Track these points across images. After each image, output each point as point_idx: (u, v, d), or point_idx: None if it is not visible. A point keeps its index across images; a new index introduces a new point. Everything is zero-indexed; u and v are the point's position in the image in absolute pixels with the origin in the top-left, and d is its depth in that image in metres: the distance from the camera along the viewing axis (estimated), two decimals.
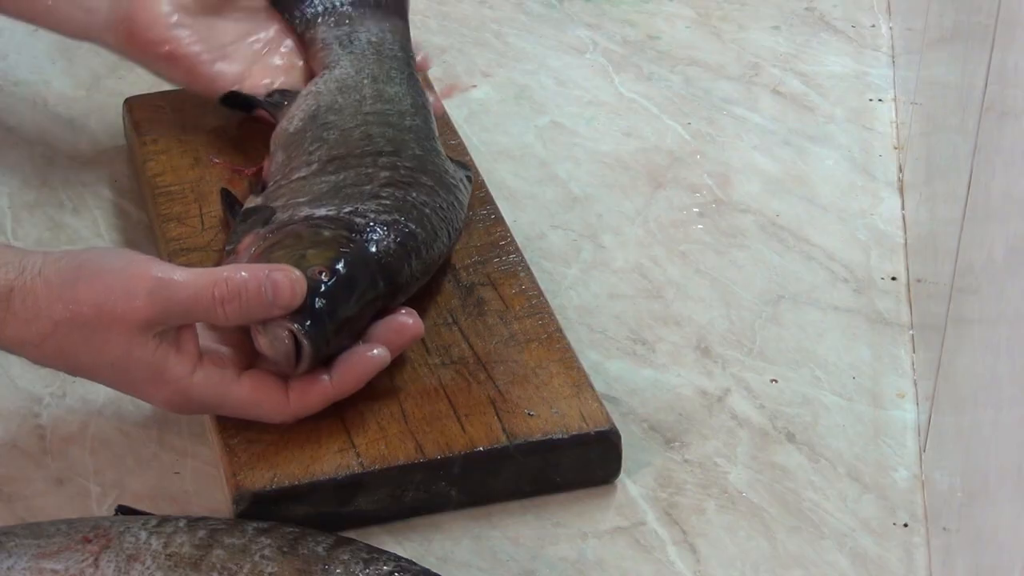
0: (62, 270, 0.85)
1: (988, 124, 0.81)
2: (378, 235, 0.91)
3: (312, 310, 0.86)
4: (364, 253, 0.90)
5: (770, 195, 1.12)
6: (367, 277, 0.89)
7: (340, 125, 1.01)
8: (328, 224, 0.92)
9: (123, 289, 0.84)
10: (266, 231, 0.92)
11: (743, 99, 1.22)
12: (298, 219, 0.93)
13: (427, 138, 1.01)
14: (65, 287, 0.84)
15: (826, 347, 1.00)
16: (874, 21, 1.32)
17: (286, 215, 0.94)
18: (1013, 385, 0.70)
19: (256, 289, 0.85)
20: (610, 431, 0.89)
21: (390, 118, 1.01)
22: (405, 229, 0.93)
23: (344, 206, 0.93)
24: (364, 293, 0.89)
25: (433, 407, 0.90)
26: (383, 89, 1.04)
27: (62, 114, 1.18)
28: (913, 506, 0.89)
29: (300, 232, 0.91)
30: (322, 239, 0.90)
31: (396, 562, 0.80)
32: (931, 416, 0.90)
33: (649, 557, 0.86)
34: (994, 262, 0.77)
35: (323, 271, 0.88)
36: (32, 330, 0.84)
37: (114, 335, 0.84)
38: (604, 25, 1.31)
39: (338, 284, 0.88)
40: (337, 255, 0.89)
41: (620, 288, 1.04)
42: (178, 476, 0.91)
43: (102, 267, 0.85)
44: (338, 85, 1.05)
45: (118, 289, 0.84)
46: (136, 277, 0.84)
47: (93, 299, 0.84)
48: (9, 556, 0.79)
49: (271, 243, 0.91)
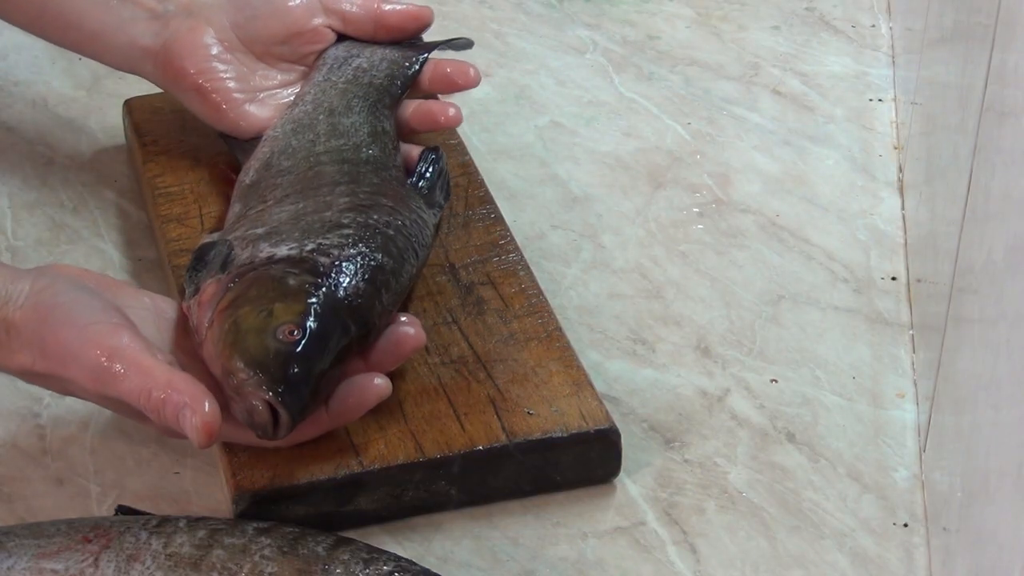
0: (39, 306, 0.85)
1: (988, 124, 0.81)
2: (345, 276, 0.88)
3: (286, 376, 0.83)
4: (333, 301, 0.86)
5: (770, 195, 1.12)
6: (338, 327, 0.86)
7: (293, 170, 0.98)
8: (292, 269, 0.88)
9: (77, 353, 0.84)
10: (228, 278, 0.89)
11: (743, 99, 1.22)
12: (259, 260, 0.89)
13: (384, 168, 0.98)
14: (38, 326, 0.85)
15: (826, 347, 1.00)
16: (874, 21, 1.32)
17: (245, 254, 0.90)
18: (1013, 385, 0.70)
19: (172, 415, 0.83)
20: (610, 429, 0.89)
21: (344, 153, 0.99)
22: (372, 262, 0.89)
23: (306, 242, 0.90)
24: (336, 343, 0.85)
25: (433, 406, 0.90)
26: (338, 122, 1.01)
27: (62, 114, 1.18)
28: (913, 506, 0.89)
29: (264, 281, 0.87)
30: (288, 289, 0.87)
31: (396, 562, 0.80)
32: (931, 416, 0.90)
33: (649, 557, 0.86)
34: (994, 262, 0.77)
35: (294, 329, 0.84)
36: (17, 360, 0.85)
37: (74, 386, 0.85)
38: (604, 25, 1.31)
39: (310, 342, 0.84)
40: (306, 309, 0.85)
41: (620, 288, 1.04)
42: (178, 476, 0.91)
43: (69, 318, 0.85)
44: (293, 126, 1.02)
45: (74, 351, 0.84)
46: (90, 345, 0.84)
47: (52, 350, 0.84)
48: (9, 556, 0.79)
49: (235, 295, 0.87)
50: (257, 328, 0.85)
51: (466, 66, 1.06)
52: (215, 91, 1.04)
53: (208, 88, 1.04)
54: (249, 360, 0.83)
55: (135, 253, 1.06)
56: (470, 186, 1.05)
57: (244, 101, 1.04)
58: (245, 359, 0.83)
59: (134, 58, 1.06)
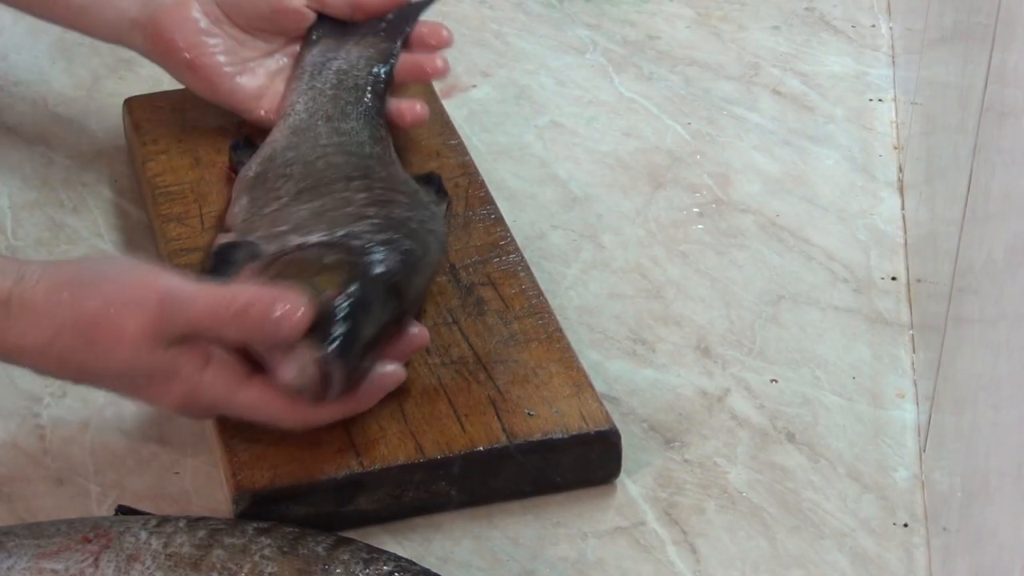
0: (64, 277, 0.84)
1: (988, 124, 0.81)
2: (380, 254, 0.89)
3: (336, 335, 0.84)
4: (373, 273, 0.88)
5: (770, 195, 1.12)
6: (380, 297, 0.87)
7: (300, 159, 0.99)
8: (327, 250, 0.90)
9: (129, 299, 0.83)
10: (261, 265, 0.90)
11: (743, 99, 1.22)
12: (291, 247, 0.90)
13: (391, 163, 1.01)
14: (67, 294, 0.83)
15: (826, 347, 1.00)
16: (874, 21, 1.32)
17: (273, 246, 0.91)
18: (1013, 385, 0.70)
19: (262, 312, 0.83)
20: (610, 431, 0.89)
21: (349, 148, 1.00)
22: (403, 246, 0.91)
23: (336, 229, 0.91)
24: (380, 314, 0.87)
25: (433, 407, 0.90)
26: (338, 126, 1.03)
27: (62, 114, 1.18)
28: (913, 506, 0.89)
29: (301, 261, 0.89)
30: (327, 265, 0.88)
31: (396, 562, 0.80)
32: (931, 416, 0.90)
33: (649, 557, 0.86)
34: (994, 262, 0.77)
35: (338, 294, 0.85)
36: (31, 338, 0.83)
37: (119, 344, 0.83)
38: (604, 25, 1.31)
39: (356, 306, 0.85)
40: (349, 277, 0.87)
41: (620, 288, 1.04)
42: (178, 476, 0.91)
43: (106, 275, 0.85)
44: (292, 130, 1.03)
45: (124, 298, 0.83)
46: (144, 287, 0.83)
47: (96, 308, 0.83)
48: (9, 556, 0.79)
49: (274, 274, 0.88)
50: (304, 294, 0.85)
51: (438, 27, 1.09)
52: (206, 65, 1.06)
53: (199, 64, 1.06)
54: None
55: (135, 253, 1.06)
56: (470, 186, 1.05)
57: (234, 74, 1.07)
58: None
59: (122, 30, 1.08)
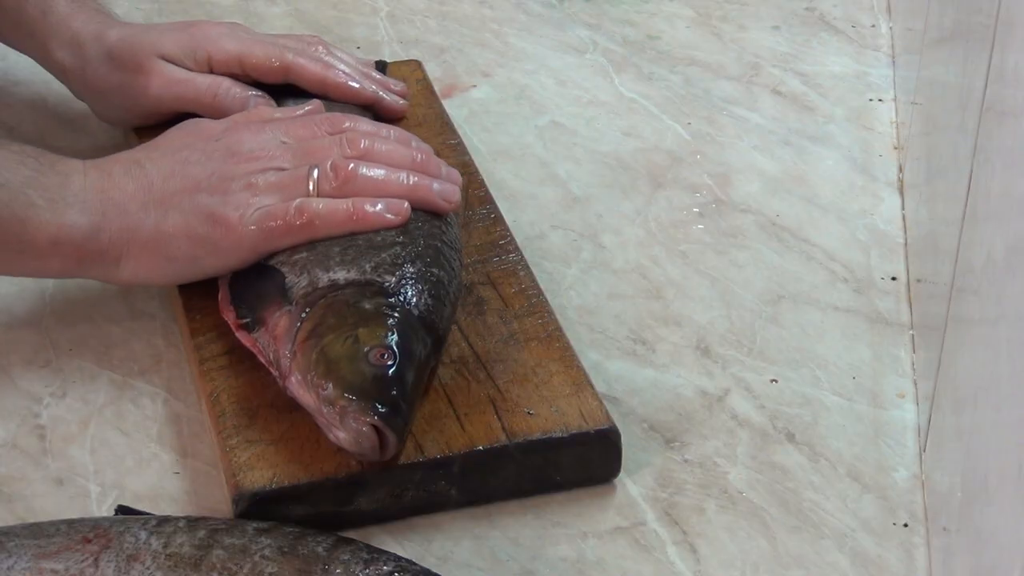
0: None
1: (988, 124, 0.81)
2: (413, 293, 0.90)
3: (388, 397, 0.84)
4: (409, 318, 0.88)
5: (770, 195, 1.13)
6: (419, 343, 0.88)
7: None
8: (361, 293, 0.89)
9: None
10: (299, 309, 0.89)
11: (743, 99, 1.22)
12: (323, 286, 0.90)
13: None
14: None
15: (826, 347, 1.00)
16: (874, 21, 1.32)
17: (303, 281, 0.91)
18: (1013, 385, 0.70)
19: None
20: (610, 429, 0.89)
21: None
22: (432, 277, 0.91)
23: (362, 262, 0.91)
24: (420, 359, 0.87)
25: (433, 406, 0.90)
26: None
27: (62, 114, 1.18)
28: (913, 506, 0.89)
29: (340, 308, 0.89)
30: (366, 313, 0.88)
31: (396, 562, 0.80)
32: (931, 416, 0.90)
33: (649, 557, 0.86)
34: (994, 262, 0.77)
35: (383, 352, 0.86)
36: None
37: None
38: (604, 25, 1.31)
39: (401, 362, 0.86)
40: (388, 330, 0.87)
41: (620, 288, 1.04)
42: (178, 476, 0.91)
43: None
44: None
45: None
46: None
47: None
48: (9, 556, 0.79)
49: (313, 324, 0.88)
50: (348, 355, 0.86)
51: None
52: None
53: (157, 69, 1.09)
54: (348, 387, 0.84)
55: None
56: (470, 186, 1.05)
57: None
58: (343, 386, 0.84)
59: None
